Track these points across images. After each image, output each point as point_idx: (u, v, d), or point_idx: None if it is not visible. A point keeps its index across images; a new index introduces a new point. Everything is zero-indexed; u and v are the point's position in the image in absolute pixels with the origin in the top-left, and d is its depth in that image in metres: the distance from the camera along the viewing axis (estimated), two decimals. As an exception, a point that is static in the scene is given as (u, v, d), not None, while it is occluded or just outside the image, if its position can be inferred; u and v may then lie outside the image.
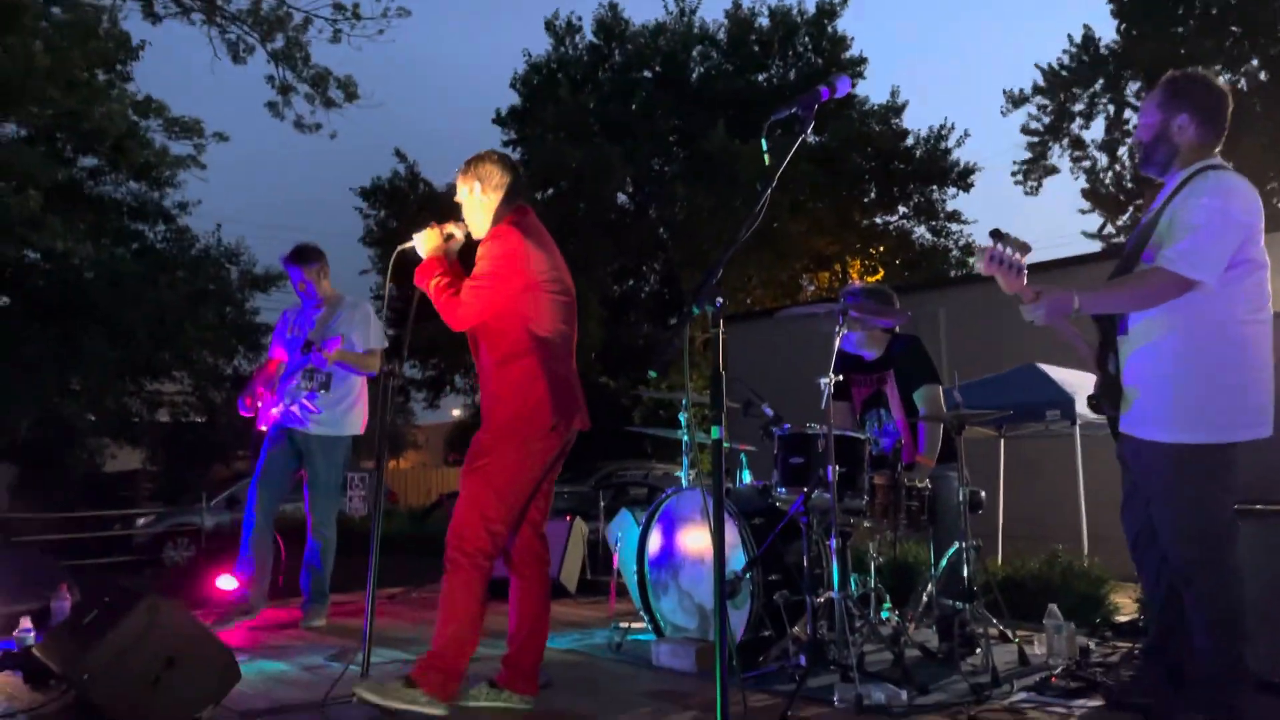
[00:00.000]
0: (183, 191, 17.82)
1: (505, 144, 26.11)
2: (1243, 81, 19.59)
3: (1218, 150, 2.99)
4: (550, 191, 23.64)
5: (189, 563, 6.36)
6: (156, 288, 16.50)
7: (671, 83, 24.89)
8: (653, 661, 4.02)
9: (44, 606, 4.42)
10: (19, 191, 12.31)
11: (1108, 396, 3.01)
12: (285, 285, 21.58)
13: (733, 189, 21.25)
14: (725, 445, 5.10)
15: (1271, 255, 2.94)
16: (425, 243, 3.41)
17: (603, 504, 8.40)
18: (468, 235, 3.45)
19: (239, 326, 19.40)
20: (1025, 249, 2.88)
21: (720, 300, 2.17)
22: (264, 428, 5.18)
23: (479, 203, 3.39)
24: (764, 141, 2.30)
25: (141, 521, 14.33)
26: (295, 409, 5.06)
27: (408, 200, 24.55)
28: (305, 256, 5.20)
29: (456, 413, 30.42)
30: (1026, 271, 2.86)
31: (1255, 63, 19.57)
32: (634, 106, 24.76)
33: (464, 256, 3.49)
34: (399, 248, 3.51)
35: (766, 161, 2.30)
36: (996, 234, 2.89)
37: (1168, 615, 3.01)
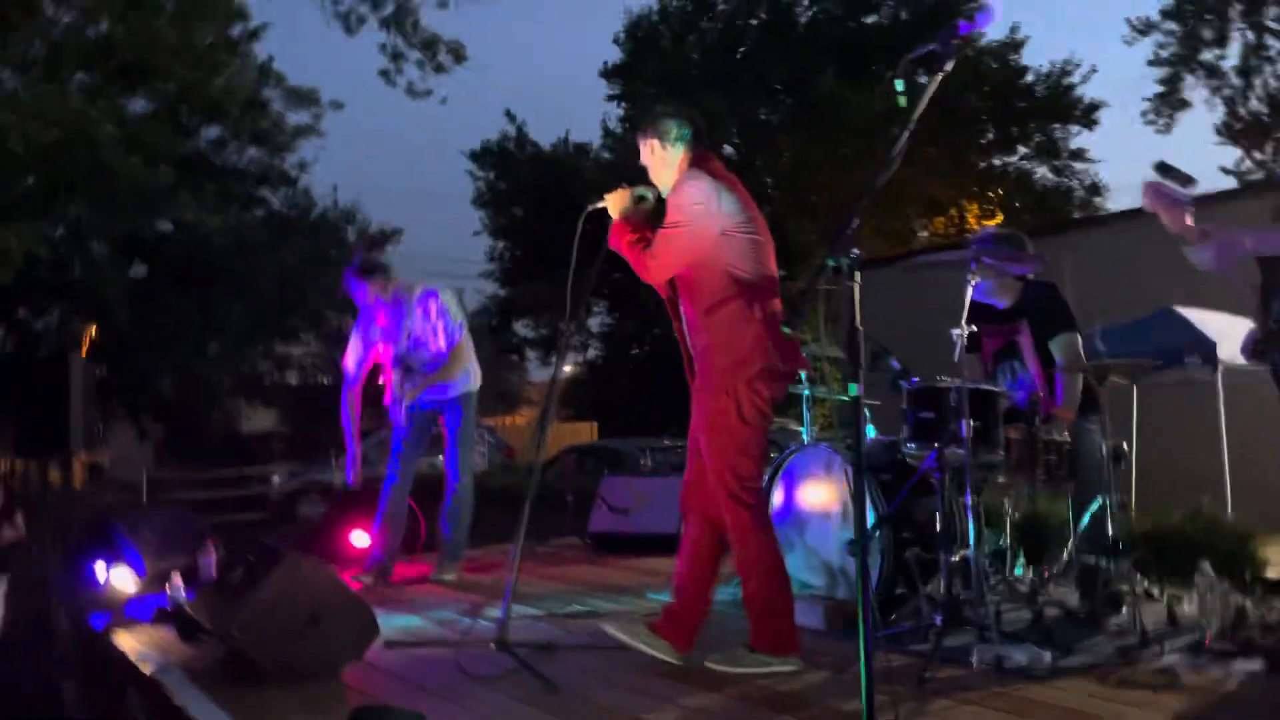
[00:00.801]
0: (299, 155, 18.35)
1: (610, 98, 26.05)
2: None
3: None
4: (657, 146, 23.44)
5: (321, 519, 6.58)
6: (280, 251, 17.11)
7: (778, 29, 24.31)
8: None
9: (192, 563, 4.64)
10: (150, 165, 12.85)
11: (1273, 342, 2.80)
12: (400, 241, 22.16)
13: (840, 137, 20.70)
14: (835, 396, 5.00)
15: None
16: (614, 204, 3.42)
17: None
18: (659, 197, 3.43)
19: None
20: (1191, 182, 2.69)
21: (856, 252, 2.09)
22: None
23: (661, 159, 3.39)
24: (899, 82, 2.18)
25: (276, 479, 15.00)
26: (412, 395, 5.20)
27: (516, 161, 24.77)
28: (371, 270, 5.20)
29: (569, 369, 30.91)
30: (1193, 206, 2.66)
31: None
32: (739, 55, 24.30)
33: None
34: (588, 208, 3.48)
35: (902, 103, 2.18)
36: (1162, 167, 2.70)
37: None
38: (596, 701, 2.99)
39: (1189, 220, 2.63)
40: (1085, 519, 3.83)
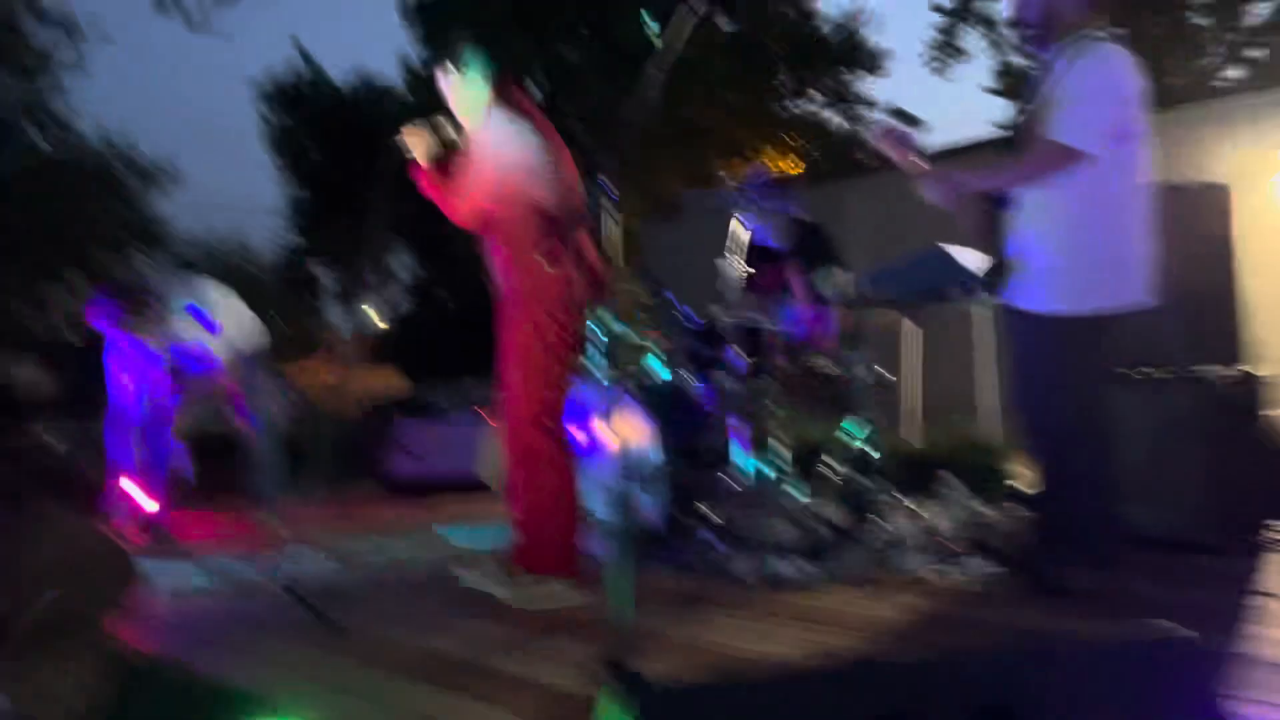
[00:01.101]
0: (65, 96, 16.88)
1: (415, 40, 25.13)
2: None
3: (1098, 20, 3.02)
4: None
5: (95, 473, 6.24)
6: (45, 194, 15.78)
7: (581, -32, 24.05)
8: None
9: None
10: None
11: (996, 270, 3.09)
12: (179, 181, 20.78)
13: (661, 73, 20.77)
14: (636, 337, 5.15)
15: (1159, 133, 3.02)
16: (419, 147, 3.36)
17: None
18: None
19: (135, 227, 18.73)
20: (916, 123, 2.93)
21: (615, 194, 2.16)
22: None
23: (464, 93, 3.35)
24: (653, 24, 2.25)
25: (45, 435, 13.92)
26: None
27: (310, 101, 23.63)
28: (122, 316, 4.87)
29: (379, 322, 30.01)
30: (919, 147, 2.89)
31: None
32: (544, -2, 23.94)
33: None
34: (398, 156, 3.39)
35: (658, 45, 2.25)
36: (894, 111, 2.92)
37: (1052, 479, 3.17)
38: (388, 639, 3.01)
39: (916, 159, 2.85)
40: (848, 440, 4.12)
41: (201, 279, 5.22)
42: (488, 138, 3.22)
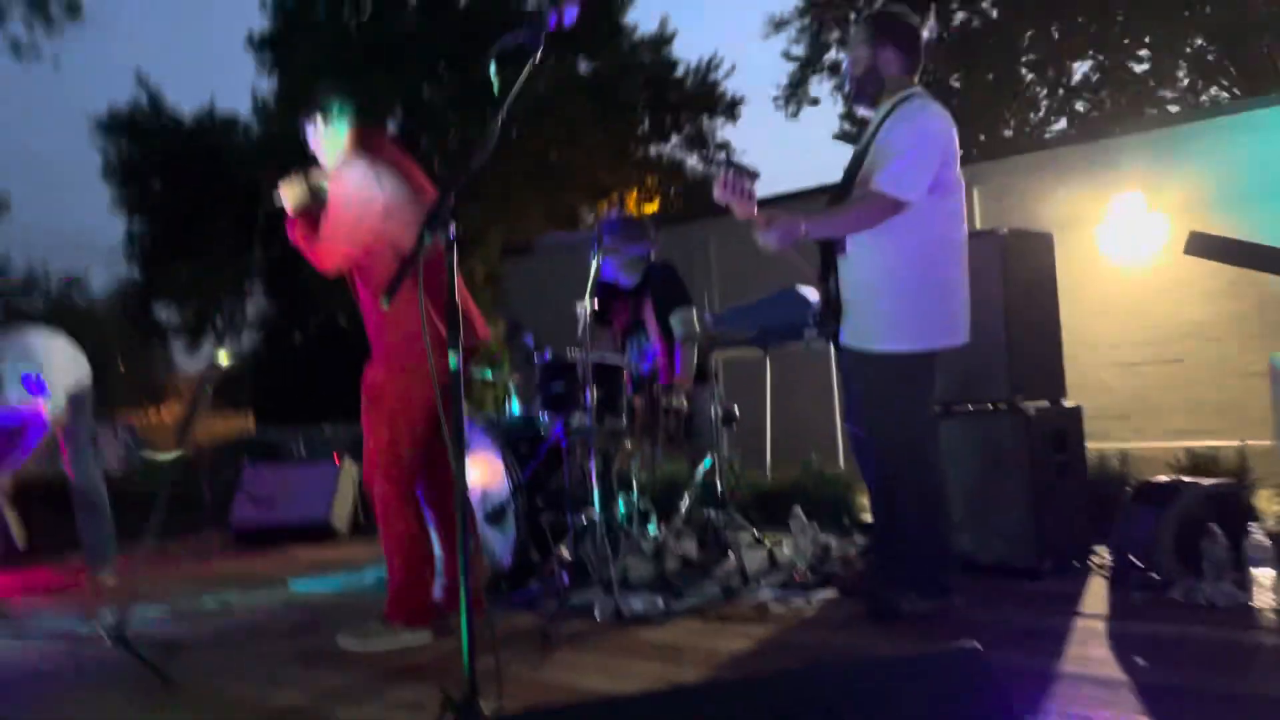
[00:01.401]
0: None
1: (261, 72, 24.54)
2: (976, 20, 21.06)
3: (916, 78, 3.24)
4: (313, 123, 22.45)
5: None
6: None
7: (439, 6, 24.05)
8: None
9: None
10: None
11: (830, 312, 3.25)
12: (6, 209, 19.47)
13: (508, 119, 20.90)
14: (489, 377, 5.14)
15: (985, 180, 3.24)
16: (289, 197, 3.31)
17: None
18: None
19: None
20: (754, 176, 3.04)
21: (454, 228, 2.17)
22: None
23: (326, 140, 3.33)
24: (491, 70, 2.29)
25: None
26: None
27: (152, 132, 22.72)
28: None
29: (225, 362, 28.81)
30: (755, 197, 3.02)
31: (986, 2, 21.04)
32: (399, 32, 23.80)
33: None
34: (266, 206, 3.36)
35: (495, 91, 2.29)
36: (729, 163, 3.04)
37: (885, 508, 3.32)
38: (220, 693, 2.90)
39: (753, 209, 2.98)
40: (699, 475, 4.21)
41: (23, 330, 4.87)
42: (346, 183, 3.19)
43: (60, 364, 4.77)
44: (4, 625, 4.04)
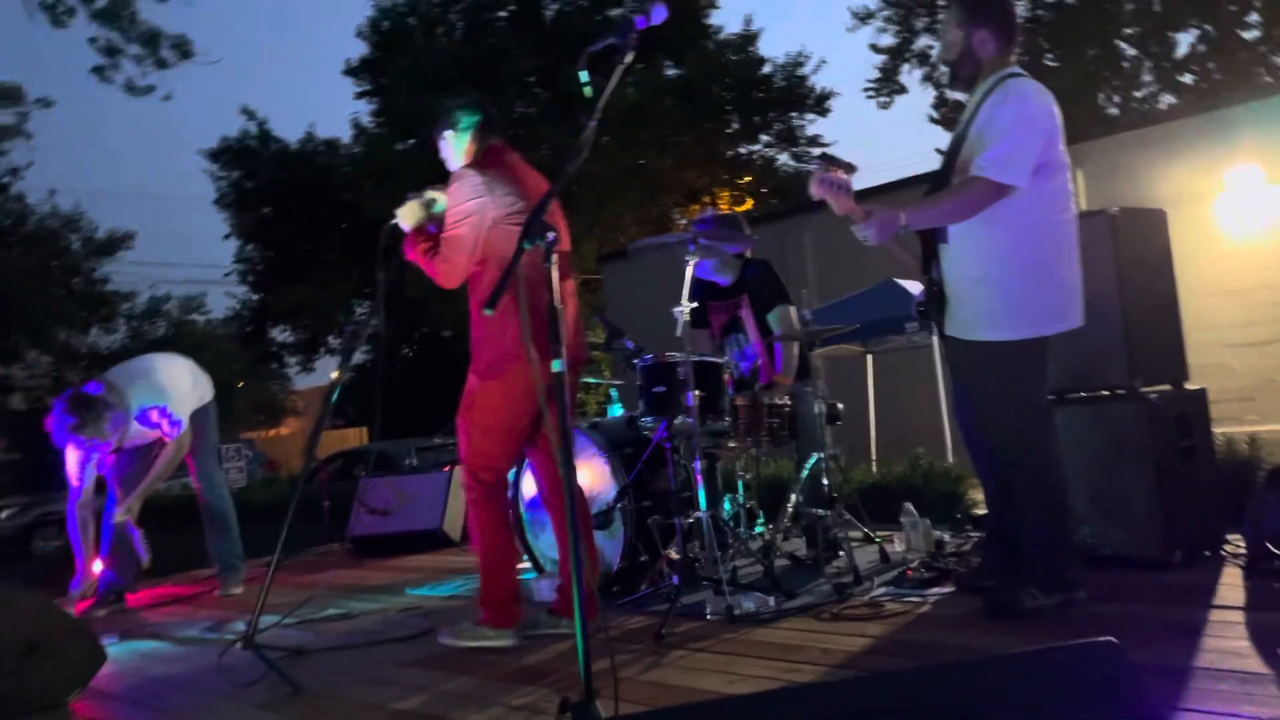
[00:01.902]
0: (9, 159, 16.72)
1: (359, 96, 25.33)
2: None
3: (1013, 58, 3.14)
4: (412, 142, 23.05)
5: (59, 551, 6.13)
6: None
7: (527, 21, 24.44)
8: (534, 598, 4.09)
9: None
10: None
11: (933, 302, 3.17)
12: (131, 247, 20.57)
13: (600, 128, 21.07)
14: (594, 381, 5.18)
15: (1091, 160, 3.12)
16: (408, 216, 3.38)
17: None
18: None
19: (88, 297, 18.49)
20: (852, 169, 2.99)
21: (552, 234, 2.20)
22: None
23: (452, 149, 3.42)
24: (583, 74, 2.31)
25: (4, 514, 13.64)
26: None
27: (261, 159, 23.63)
28: (79, 425, 4.61)
29: (334, 374, 29.74)
30: (853, 191, 2.97)
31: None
32: (490, 49, 24.25)
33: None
34: (386, 226, 3.41)
35: (588, 94, 2.31)
36: (825, 157, 3.00)
37: (1002, 501, 3.23)
38: (345, 698, 2.98)
39: (852, 203, 2.93)
40: (804, 474, 4.16)
41: (147, 361, 5.05)
42: (459, 195, 3.24)
43: (185, 388, 4.97)
44: (140, 634, 4.24)
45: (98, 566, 4.93)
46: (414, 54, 23.50)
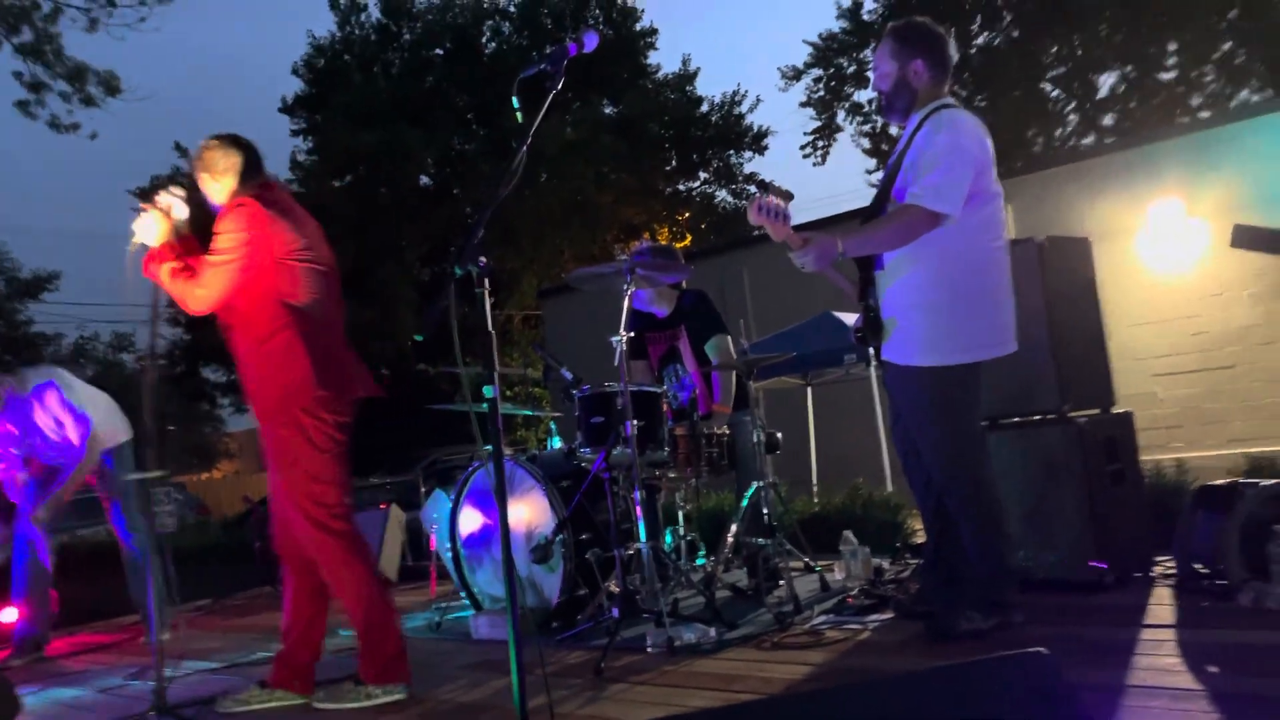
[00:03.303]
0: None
1: (295, 133, 25.11)
2: (998, 39, 21.00)
3: (947, 89, 3.21)
4: (348, 179, 22.88)
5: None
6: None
7: (465, 60, 24.50)
8: (472, 635, 4.02)
9: None
10: None
11: (869, 328, 3.20)
12: (56, 288, 19.96)
13: (537, 163, 21.16)
14: (531, 413, 5.13)
15: (1019, 195, 3.19)
16: (149, 230, 3.16)
17: (422, 490, 8.28)
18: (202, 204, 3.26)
19: (11, 340, 17.93)
20: (789, 197, 3.02)
21: (484, 261, 2.17)
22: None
23: (214, 190, 3.23)
24: (515, 100, 2.30)
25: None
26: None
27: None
28: None
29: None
30: (790, 218, 2.99)
31: (1007, 20, 20.98)
32: (428, 86, 24.25)
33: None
34: (129, 248, 3.20)
35: (519, 119, 2.30)
36: (763, 185, 3.02)
37: (939, 526, 3.25)
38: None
39: (789, 229, 2.95)
40: (744, 503, 4.15)
41: (66, 373, 4.95)
42: (237, 224, 3.07)
43: (98, 403, 4.83)
44: (61, 683, 4.06)
45: (11, 615, 4.73)
46: (351, 91, 23.39)
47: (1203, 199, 9.01)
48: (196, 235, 3.26)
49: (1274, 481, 3.44)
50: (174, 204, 3.21)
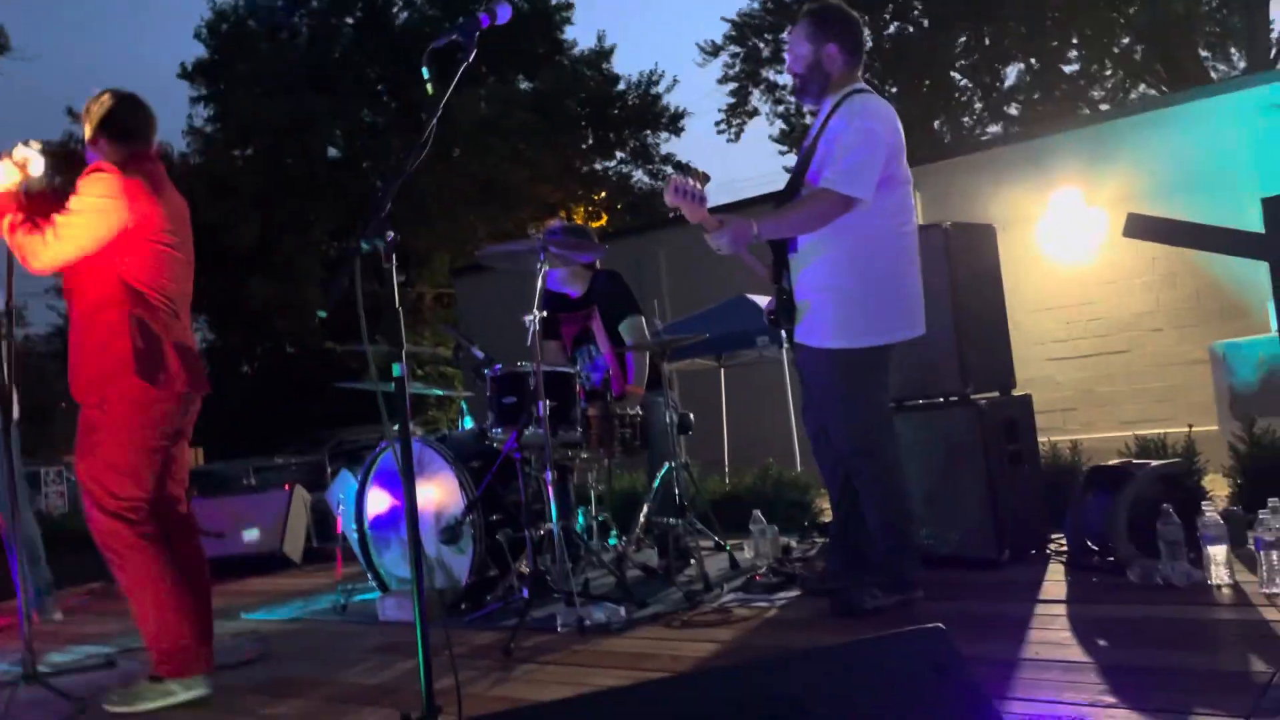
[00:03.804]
0: None
1: (195, 100, 24.24)
2: (909, 28, 21.41)
3: (859, 74, 3.25)
4: (250, 150, 22.19)
5: None
6: None
7: (375, 29, 23.95)
8: (379, 616, 3.96)
9: None
10: None
11: (782, 311, 3.24)
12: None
13: (451, 138, 20.84)
14: (441, 394, 5.07)
15: (926, 183, 3.25)
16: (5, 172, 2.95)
17: (329, 470, 8.12)
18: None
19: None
20: (705, 179, 3.02)
21: (392, 235, 2.12)
22: None
23: (93, 150, 3.05)
24: (425, 70, 2.25)
25: None
26: None
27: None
28: None
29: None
30: (707, 200, 3.00)
31: (918, 10, 21.40)
32: (337, 56, 23.65)
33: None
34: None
35: (430, 91, 2.25)
36: (680, 166, 3.02)
37: (845, 506, 3.31)
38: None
39: (705, 212, 2.96)
40: (656, 483, 4.17)
41: None
42: (91, 190, 2.89)
43: None
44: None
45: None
46: (256, 59, 22.67)
47: (1101, 189, 9.35)
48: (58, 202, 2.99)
49: (1162, 463, 3.60)
50: (30, 157, 3.00)
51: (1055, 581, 3.39)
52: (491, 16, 2.32)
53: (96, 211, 2.88)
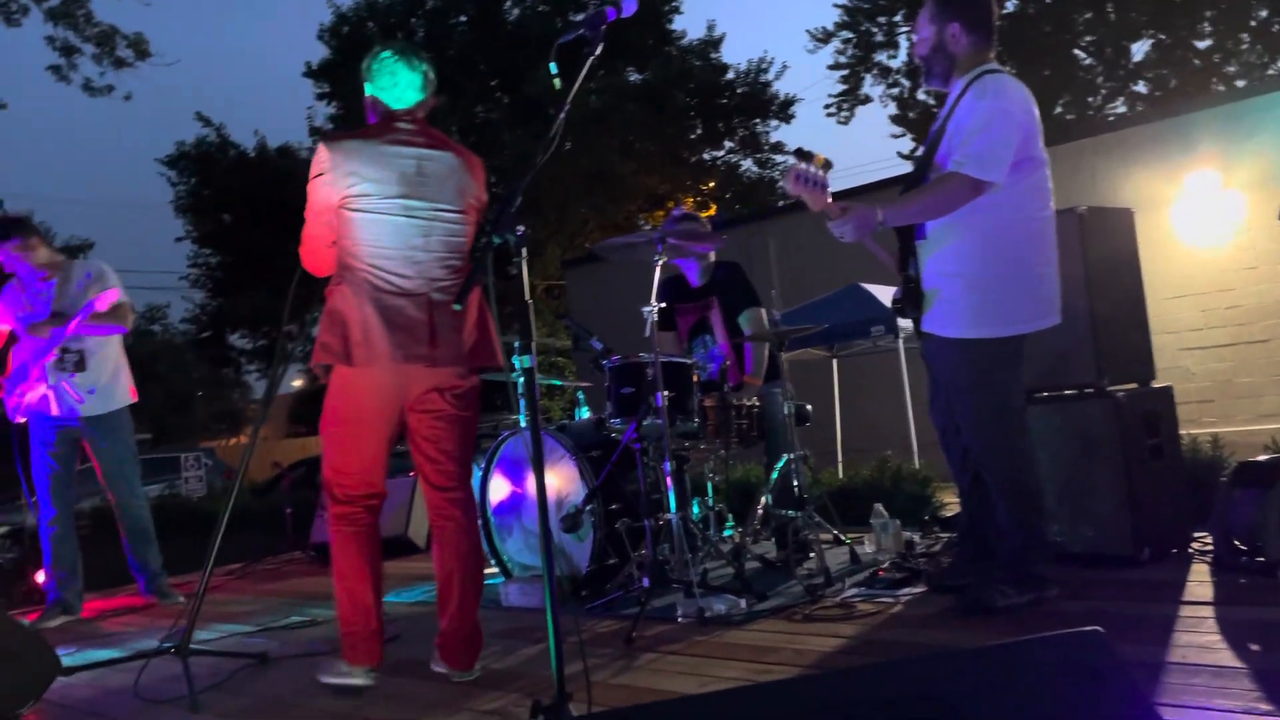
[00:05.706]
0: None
1: (319, 98, 25.10)
2: (1030, 6, 20.62)
3: (991, 54, 3.14)
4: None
5: (14, 563, 5.93)
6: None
7: (488, 26, 24.33)
8: (502, 602, 4.03)
9: None
10: None
11: (909, 299, 3.16)
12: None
13: (564, 132, 21.06)
14: (559, 384, 5.12)
15: (1053, 164, 3.12)
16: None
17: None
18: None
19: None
20: (827, 165, 2.96)
21: (522, 229, 2.15)
22: (21, 419, 4.79)
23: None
24: (552, 66, 2.27)
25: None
26: (55, 399, 4.66)
27: (219, 165, 23.32)
28: (7, 232, 4.65)
29: (298, 382, 29.36)
30: (831, 188, 2.94)
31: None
32: (451, 53, 24.12)
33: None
34: None
35: (557, 86, 2.27)
36: (800, 153, 2.96)
37: (974, 500, 3.22)
38: (311, 706, 2.90)
39: (828, 199, 2.90)
40: (774, 475, 4.13)
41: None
42: (311, 173, 2.91)
43: (106, 370, 4.78)
44: (96, 644, 4.11)
45: (40, 577, 4.78)
46: (374, 59, 23.35)
47: (1239, 170, 8.84)
48: None
49: (1317, 458, 3.39)
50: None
51: (1200, 582, 3.23)
52: (618, 10, 2.33)
53: (312, 194, 2.94)
